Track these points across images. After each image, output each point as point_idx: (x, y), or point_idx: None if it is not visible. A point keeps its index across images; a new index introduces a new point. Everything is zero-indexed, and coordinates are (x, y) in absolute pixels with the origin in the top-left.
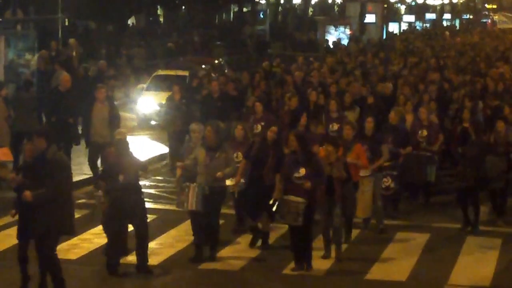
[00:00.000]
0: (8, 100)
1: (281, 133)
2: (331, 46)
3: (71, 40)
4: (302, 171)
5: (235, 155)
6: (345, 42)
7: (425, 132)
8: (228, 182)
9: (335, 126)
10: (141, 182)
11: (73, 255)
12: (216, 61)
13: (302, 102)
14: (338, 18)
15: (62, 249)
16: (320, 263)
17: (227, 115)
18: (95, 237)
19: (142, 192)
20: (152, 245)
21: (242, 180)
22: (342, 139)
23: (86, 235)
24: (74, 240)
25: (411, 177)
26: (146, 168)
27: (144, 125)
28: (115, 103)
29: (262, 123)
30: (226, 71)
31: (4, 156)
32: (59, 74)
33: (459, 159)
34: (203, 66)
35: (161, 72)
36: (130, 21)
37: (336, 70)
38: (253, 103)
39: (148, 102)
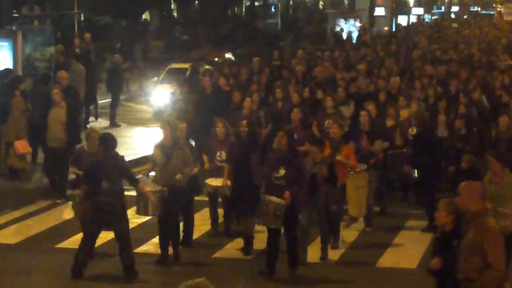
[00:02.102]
0: (26, 94)
1: (276, 130)
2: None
3: (87, 35)
4: (282, 172)
5: (218, 154)
6: (354, 35)
7: (415, 130)
8: (216, 183)
9: (331, 123)
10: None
11: None
12: (227, 55)
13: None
14: (348, 11)
15: (78, 239)
16: (330, 252)
17: (221, 112)
18: None
19: (124, 195)
20: None
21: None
22: (330, 138)
23: None
24: None
25: (394, 175)
26: (133, 180)
27: (158, 118)
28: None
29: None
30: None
31: (23, 148)
32: (75, 68)
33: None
34: (216, 59)
35: (174, 65)
36: (144, 16)
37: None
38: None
39: (162, 95)
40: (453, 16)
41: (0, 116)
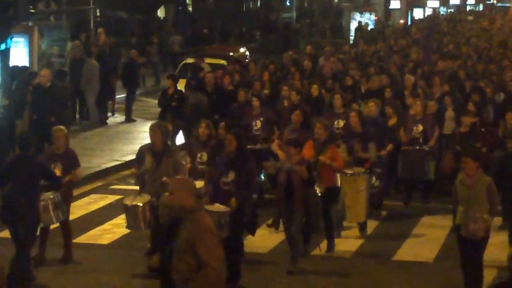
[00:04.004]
0: None
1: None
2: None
3: (100, 30)
4: (231, 176)
5: (199, 155)
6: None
7: (420, 127)
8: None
9: (341, 123)
10: None
11: (105, 240)
12: (241, 49)
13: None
14: (363, 4)
15: (94, 234)
16: (347, 244)
17: (222, 112)
18: None
19: (38, 203)
20: None
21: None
22: (314, 139)
23: (117, 220)
24: (106, 225)
25: (409, 174)
26: (57, 186)
27: None
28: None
29: (261, 119)
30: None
31: None
32: (88, 64)
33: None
34: (231, 53)
35: (190, 60)
36: (159, 12)
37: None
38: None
39: None
40: (468, 8)
41: (16, 112)
